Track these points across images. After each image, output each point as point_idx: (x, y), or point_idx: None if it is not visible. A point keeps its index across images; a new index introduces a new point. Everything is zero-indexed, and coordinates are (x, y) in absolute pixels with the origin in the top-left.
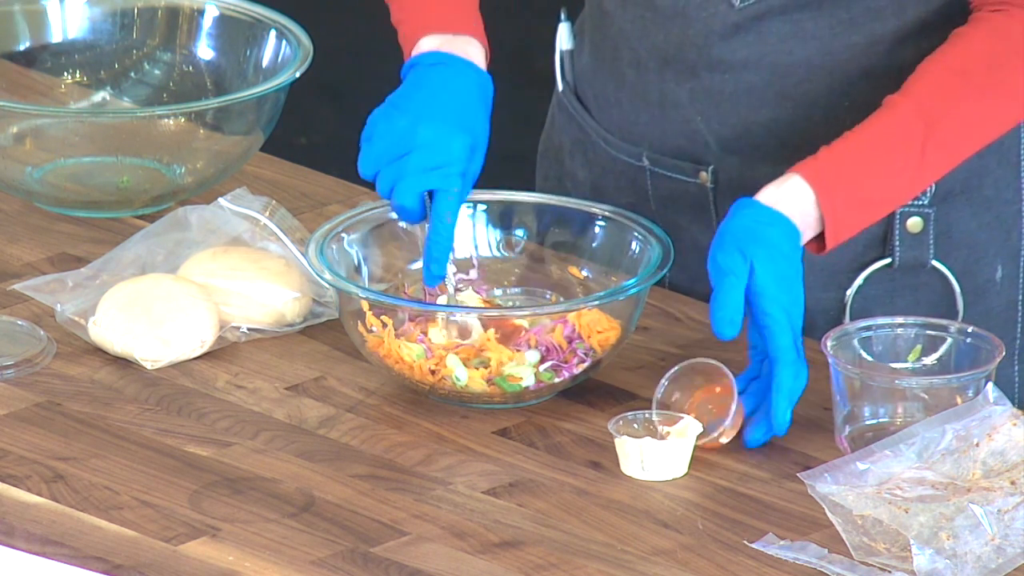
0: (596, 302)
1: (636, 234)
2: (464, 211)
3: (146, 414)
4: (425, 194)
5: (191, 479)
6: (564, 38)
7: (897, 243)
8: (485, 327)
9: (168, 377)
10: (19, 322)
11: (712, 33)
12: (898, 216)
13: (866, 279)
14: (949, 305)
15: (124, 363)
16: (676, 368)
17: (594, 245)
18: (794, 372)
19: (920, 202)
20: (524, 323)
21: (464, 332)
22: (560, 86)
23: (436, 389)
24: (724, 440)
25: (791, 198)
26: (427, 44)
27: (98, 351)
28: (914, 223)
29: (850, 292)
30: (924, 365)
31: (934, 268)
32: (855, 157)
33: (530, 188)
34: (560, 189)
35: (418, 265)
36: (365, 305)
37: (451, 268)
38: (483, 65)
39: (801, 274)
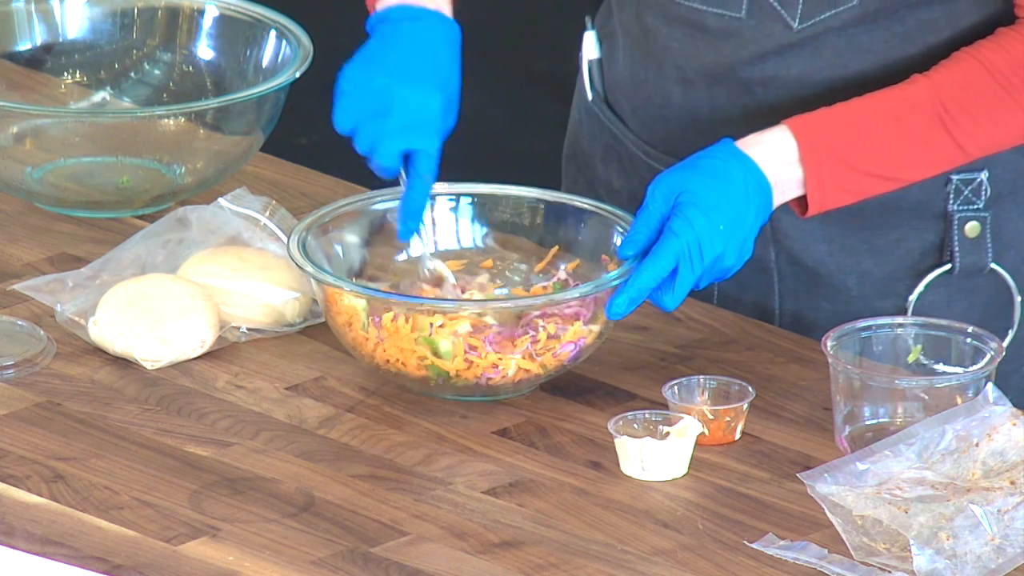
0: (579, 293)
1: (619, 228)
2: (447, 203)
3: (146, 414)
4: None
5: (191, 479)
6: (591, 47)
7: (957, 249)
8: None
9: (168, 377)
10: (19, 322)
11: (767, 52)
12: (956, 221)
13: (925, 286)
14: (1003, 305)
15: (124, 363)
16: (712, 383)
17: (578, 238)
18: (655, 277)
19: (975, 206)
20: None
21: (437, 281)
22: (589, 95)
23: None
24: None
25: (772, 149)
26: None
27: (98, 351)
28: (972, 228)
29: (912, 299)
30: (924, 365)
31: (991, 271)
32: (850, 120)
33: (523, 185)
34: (592, 196)
35: (403, 257)
36: (336, 293)
37: (424, 227)
38: (449, 10)
39: (739, 224)
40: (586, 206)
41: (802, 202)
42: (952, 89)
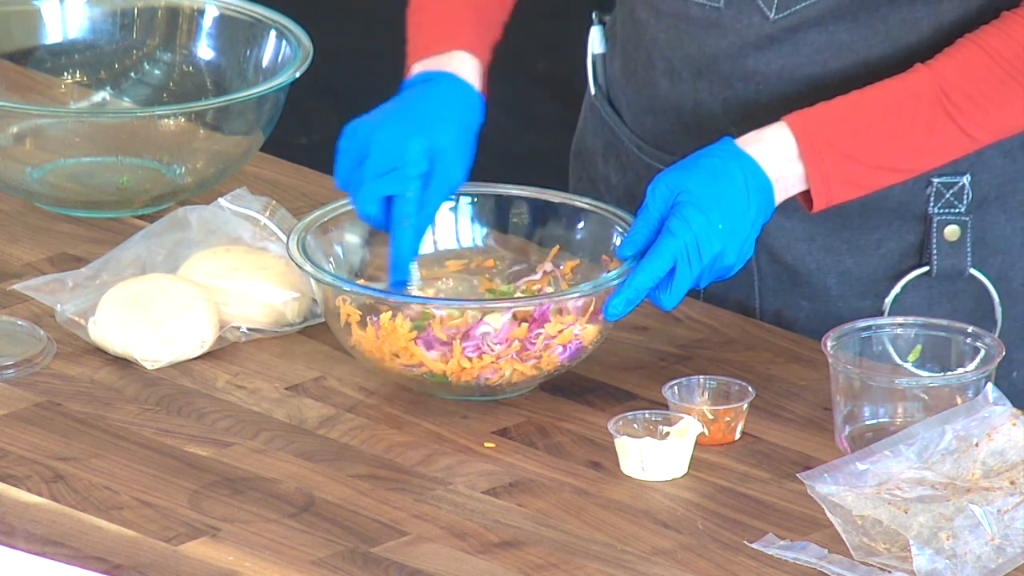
0: (579, 293)
1: (619, 228)
2: (447, 203)
3: (146, 414)
4: (386, 200)
5: (191, 479)
6: (596, 42)
7: (935, 251)
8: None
9: (168, 377)
10: (19, 322)
11: (747, 44)
12: (935, 224)
13: (903, 287)
14: (986, 311)
15: (124, 363)
16: (712, 383)
17: (577, 238)
18: (652, 277)
19: (957, 210)
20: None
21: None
22: (592, 90)
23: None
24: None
25: (772, 146)
26: (416, 68)
27: (98, 351)
28: (951, 231)
29: (888, 300)
30: (924, 365)
31: (971, 275)
32: (849, 113)
33: (523, 185)
34: (593, 192)
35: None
36: (331, 295)
37: (416, 272)
38: (473, 77)
39: (739, 223)
40: (586, 206)
41: (808, 197)
42: (953, 76)
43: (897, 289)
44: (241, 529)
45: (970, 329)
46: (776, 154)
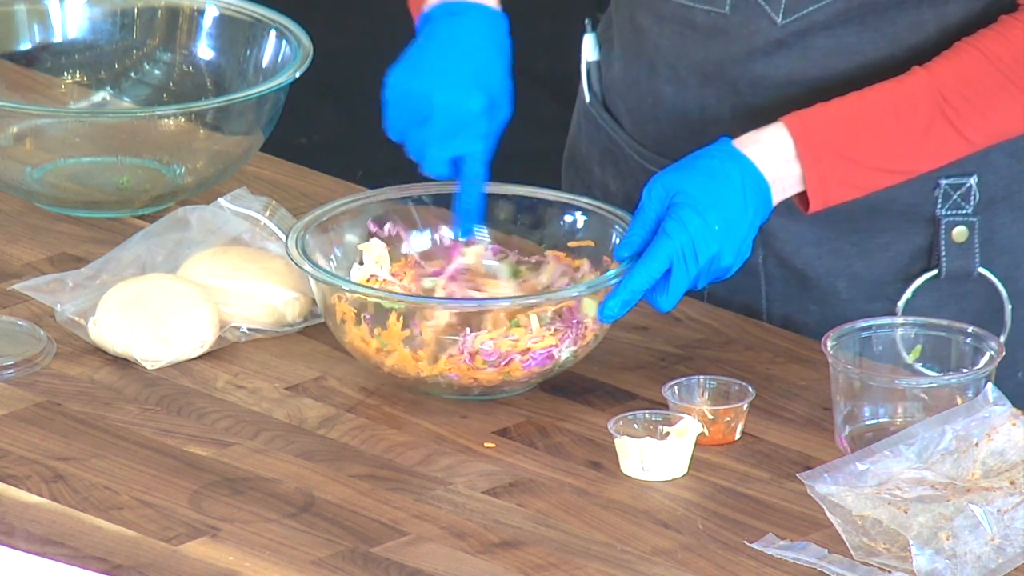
0: (577, 292)
1: (618, 227)
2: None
3: (146, 414)
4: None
5: (191, 479)
6: (590, 49)
7: (943, 253)
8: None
9: (168, 377)
10: (19, 322)
11: (754, 50)
12: (943, 226)
13: (914, 291)
14: (995, 311)
15: (124, 363)
16: (712, 383)
17: (577, 237)
18: (648, 279)
19: (964, 211)
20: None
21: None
22: (587, 97)
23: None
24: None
25: (769, 147)
26: None
27: (98, 351)
28: (959, 232)
29: (900, 304)
30: (924, 365)
31: (980, 276)
32: (847, 114)
33: (523, 185)
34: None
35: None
36: (325, 292)
37: (481, 226)
38: (495, 1)
39: (736, 224)
40: (586, 206)
41: (804, 198)
42: (951, 79)
43: (909, 293)
44: (241, 529)
45: (970, 329)
46: (774, 155)
